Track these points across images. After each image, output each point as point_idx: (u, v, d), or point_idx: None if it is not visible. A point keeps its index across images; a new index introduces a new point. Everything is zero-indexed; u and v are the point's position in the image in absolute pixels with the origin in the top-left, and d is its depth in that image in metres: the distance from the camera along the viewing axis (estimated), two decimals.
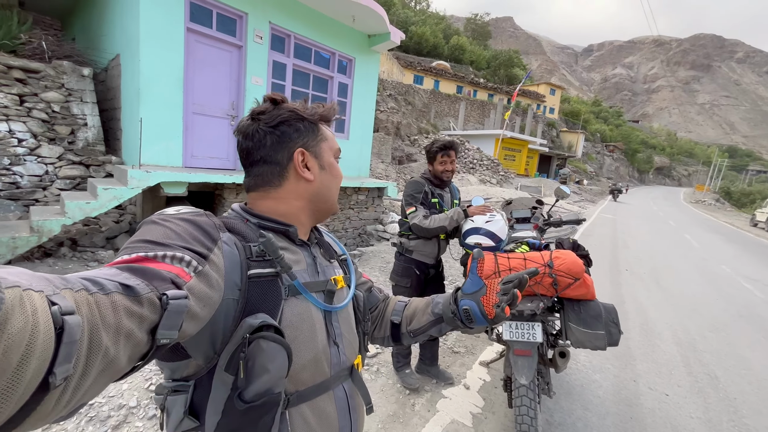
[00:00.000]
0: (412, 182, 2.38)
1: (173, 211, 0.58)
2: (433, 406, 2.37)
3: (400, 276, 2.41)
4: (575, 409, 2.50)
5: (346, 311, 0.77)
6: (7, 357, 0.25)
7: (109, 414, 1.74)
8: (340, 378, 0.72)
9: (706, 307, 5.13)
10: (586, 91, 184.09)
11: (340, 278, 0.77)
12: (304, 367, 0.63)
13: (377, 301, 0.94)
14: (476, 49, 46.10)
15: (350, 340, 0.75)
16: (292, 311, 0.63)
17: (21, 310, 0.26)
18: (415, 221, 2.23)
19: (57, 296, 0.31)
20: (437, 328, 0.84)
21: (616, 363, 3.22)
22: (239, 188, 5.11)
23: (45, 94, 4.31)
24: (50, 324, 0.29)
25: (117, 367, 0.37)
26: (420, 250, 2.38)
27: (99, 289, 0.36)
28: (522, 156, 27.43)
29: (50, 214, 3.58)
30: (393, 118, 18.56)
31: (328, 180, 0.74)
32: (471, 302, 0.74)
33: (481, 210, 2.11)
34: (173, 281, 0.45)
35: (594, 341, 1.80)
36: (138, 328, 0.39)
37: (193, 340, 0.54)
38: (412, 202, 2.29)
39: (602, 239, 9.46)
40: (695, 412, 2.67)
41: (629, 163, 58.23)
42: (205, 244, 0.55)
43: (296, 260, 0.69)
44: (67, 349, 0.30)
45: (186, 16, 4.50)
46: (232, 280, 0.57)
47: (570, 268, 1.78)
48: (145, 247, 0.49)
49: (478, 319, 0.74)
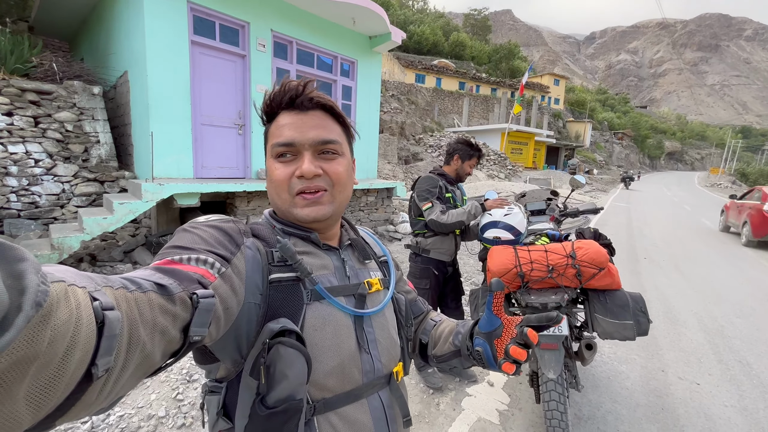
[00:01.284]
0: (426, 178, 2.33)
1: (203, 219, 0.61)
2: (458, 405, 2.34)
3: (418, 278, 2.36)
4: (604, 402, 2.44)
5: (383, 316, 0.72)
6: (53, 347, 0.26)
7: (140, 425, 1.76)
8: (375, 386, 0.67)
9: (732, 291, 4.99)
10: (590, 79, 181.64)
11: (375, 281, 0.73)
12: (329, 374, 0.61)
13: (420, 312, 0.89)
14: (477, 44, 45.89)
15: (387, 347, 0.70)
16: (315, 316, 0.61)
17: (66, 303, 0.27)
18: (432, 216, 2.20)
19: (98, 293, 0.32)
20: (458, 360, 0.75)
21: (642, 353, 3.14)
22: (250, 196, 5.16)
23: (58, 114, 4.41)
24: (92, 318, 0.30)
25: (152, 361, 0.39)
26: (437, 249, 2.34)
27: (137, 287, 0.38)
28: (529, 149, 27.14)
29: (69, 231, 3.66)
30: (397, 119, 18.56)
31: (268, 186, 0.69)
32: (484, 344, 0.64)
33: (499, 203, 2.08)
34: (199, 281, 0.47)
35: (622, 331, 1.76)
36: (172, 325, 0.41)
37: (220, 343, 0.56)
38: (428, 197, 2.24)
39: (617, 228, 9.29)
40: (729, 400, 2.59)
41: (639, 150, 57.20)
42: (228, 248, 0.56)
43: (322, 264, 0.67)
44: (108, 342, 0.31)
45: (190, 29, 4.57)
46: (254, 284, 0.57)
47: (593, 258, 1.74)
48: (174, 251, 0.51)
49: (491, 364, 0.64)
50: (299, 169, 0.63)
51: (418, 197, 2.30)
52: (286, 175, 0.64)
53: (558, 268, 1.78)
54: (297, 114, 0.64)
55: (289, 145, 0.63)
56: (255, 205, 5.22)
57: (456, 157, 2.39)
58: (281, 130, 0.64)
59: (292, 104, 0.64)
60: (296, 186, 0.64)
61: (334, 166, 0.66)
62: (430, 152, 18.33)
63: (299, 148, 0.64)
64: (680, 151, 73.86)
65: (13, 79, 4.17)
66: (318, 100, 0.65)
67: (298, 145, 0.63)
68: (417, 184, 2.35)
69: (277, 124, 0.65)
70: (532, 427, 2.16)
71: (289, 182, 0.64)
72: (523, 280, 1.83)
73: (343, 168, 0.67)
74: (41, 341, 0.25)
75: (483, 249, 2.27)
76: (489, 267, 1.90)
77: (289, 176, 0.64)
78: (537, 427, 2.16)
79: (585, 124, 41.15)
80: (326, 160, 0.66)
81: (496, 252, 1.92)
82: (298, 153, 0.64)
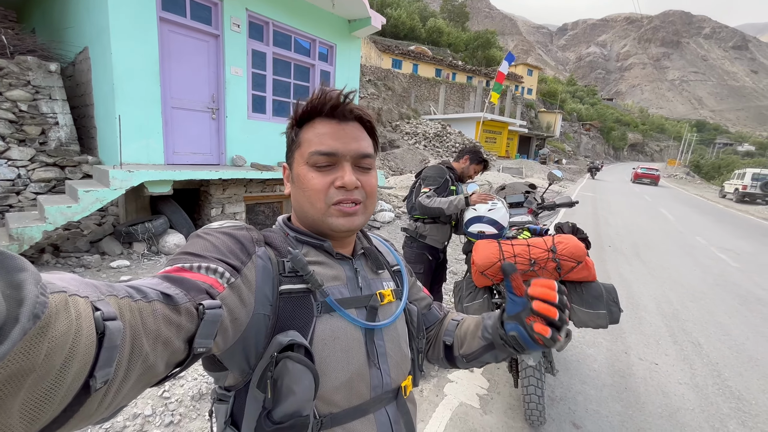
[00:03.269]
0: (435, 167, 2.43)
1: (216, 226, 0.60)
2: (441, 391, 2.43)
3: (413, 262, 2.48)
4: (574, 384, 2.61)
5: (394, 328, 0.70)
6: (50, 359, 0.26)
7: (125, 425, 1.71)
8: (383, 401, 0.66)
9: (686, 277, 5.40)
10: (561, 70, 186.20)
11: (387, 292, 0.71)
12: (338, 389, 0.60)
13: (436, 319, 0.87)
14: (454, 31, 45.70)
15: (397, 360, 0.69)
16: (325, 329, 0.60)
17: (65, 314, 0.27)
18: (419, 198, 2.31)
19: (101, 302, 0.32)
20: (491, 354, 0.72)
21: (608, 337, 3.37)
22: (225, 184, 4.99)
23: (10, 93, 4.05)
24: (92, 329, 0.30)
25: (155, 372, 0.39)
26: (433, 236, 2.47)
27: (142, 296, 0.38)
28: (502, 138, 27.70)
29: (29, 221, 3.41)
30: (374, 104, 18.35)
31: (296, 193, 0.67)
32: (516, 326, 0.61)
33: (483, 198, 2.14)
34: (207, 291, 0.47)
35: (596, 320, 1.88)
36: (176, 336, 0.40)
37: (228, 353, 0.55)
38: (431, 184, 2.35)
39: (585, 217, 9.75)
40: (683, 378, 2.84)
41: (605, 141, 59.73)
42: (239, 257, 0.55)
43: (334, 275, 0.65)
44: (107, 353, 0.31)
45: (158, 4, 4.27)
46: (264, 295, 0.56)
47: (573, 252, 1.84)
48: (185, 258, 0.51)
49: (529, 345, 0.61)
50: (341, 180, 0.62)
51: (424, 180, 2.40)
52: (324, 184, 0.63)
53: (539, 262, 1.87)
54: (337, 123, 0.64)
55: (331, 155, 0.62)
56: (231, 193, 5.06)
57: (466, 158, 2.54)
58: (322, 139, 0.63)
59: (333, 113, 0.64)
60: (335, 196, 0.63)
61: (370, 180, 0.67)
62: (406, 139, 18.32)
63: (340, 159, 0.63)
64: (642, 142, 77.78)
65: None
66: (358, 113, 0.65)
67: (339, 155, 0.63)
68: (427, 169, 2.45)
69: (316, 130, 0.64)
70: (510, 410, 2.29)
71: (327, 192, 0.63)
72: None
73: (375, 181, 0.69)
74: (38, 354, 0.24)
75: (467, 242, 2.33)
76: (474, 260, 1.96)
77: (328, 186, 0.63)
78: (515, 410, 2.29)
79: (556, 115, 42.39)
80: (363, 173, 0.66)
81: (481, 245, 1.98)
82: (336, 163, 0.63)
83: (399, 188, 10.51)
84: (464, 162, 2.54)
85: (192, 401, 2.01)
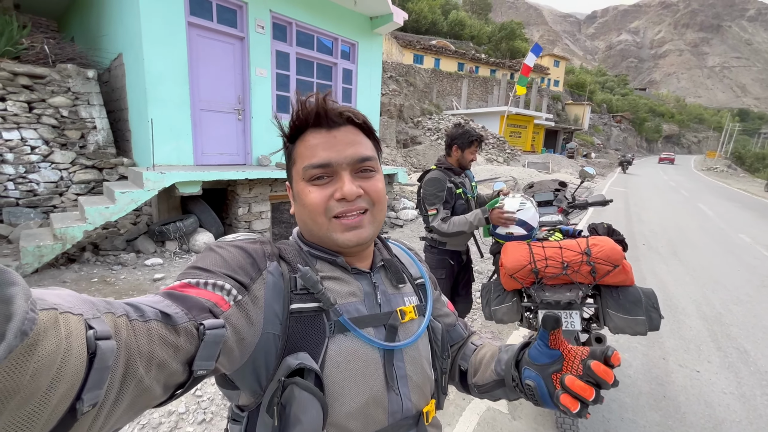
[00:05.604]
0: (433, 180, 2.27)
1: (231, 238, 0.58)
2: (463, 400, 2.39)
3: (435, 268, 2.38)
4: (607, 390, 2.51)
5: (416, 348, 0.64)
6: (36, 381, 0.24)
7: (161, 421, 1.79)
8: (401, 428, 0.61)
9: (728, 278, 5.07)
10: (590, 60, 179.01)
11: (409, 308, 0.66)
12: (352, 415, 0.55)
13: (460, 338, 0.80)
14: (476, 23, 44.78)
15: (419, 383, 0.63)
16: (339, 351, 0.55)
17: (55, 332, 0.26)
18: (434, 224, 2.20)
19: (96, 320, 0.30)
20: (502, 391, 0.66)
21: (644, 341, 3.21)
22: (251, 183, 5.10)
23: (52, 99, 4.28)
24: (83, 349, 0.28)
25: (151, 395, 0.37)
26: (452, 241, 2.38)
27: (139, 315, 0.36)
28: (528, 132, 26.97)
29: (71, 221, 3.61)
30: (395, 101, 18.26)
31: (299, 211, 0.62)
32: (537, 378, 0.55)
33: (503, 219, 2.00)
34: (211, 310, 0.45)
35: (634, 327, 1.78)
36: (173, 358, 0.38)
37: (238, 373, 0.53)
38: (434, 202, 2.21)
39: (616, 214, 9.35)
40: (728, 387, 2.67)
41: (637, 133, 57.06)
42: (249, 273, 0.53)
43: (350, 291, 0.61)
44: (97, 375, 0.29)
45: (186, 9, 4.40)
46: (274, 313, 0.53)
47: (609, 255, 1.75)
48: (193, 273, 0.49)
49: (545, 401, 0.55)
50: (340, 191, 0.57)
51: (425, 200, 2.28)
52: (323, 198, 0.58)
53: (573, 265, 1.79)
54: (327, 132, 0.59)
55: (325, 166, 0.58)
56: (257, 193, 5.17)
57: (455, 148, 2.32)
58: (313, 151, 0.58)
59: (319, 121, 0.58)
60: (335, 209, 0.58)
61: (374, 184, 0.61)
62: (428, 135, 18.15)
63: (336, 169, 0.58)
64: (678, 134, 73.81)
65: (3, 62, 4.02)
66: (348, 114, 0.60)
67: (335, 165, 0.58)
68: (424, 185, 2.30)
69: (307, 144, 0.59)
70: (540, 416, 2.22)
71: (326, 206, 0.59)
72: (537, 277, 1.84)
73: (381, 185, 0.63)
74: (23, 374, 0.23)
75: (495, 243, 2.27)
76: (502, 262, 1.91)
77: (327, 199, 0.58)
78: (545, 416, 2.22)
79: (584, 107, 40.81)
80: (365, 178, 0.60)
81: (510, 248, 1.92)
82: (334, 174, 0.59)
83: None
84: (456, 153, 2.34)
85: (223, 400, 2.07)
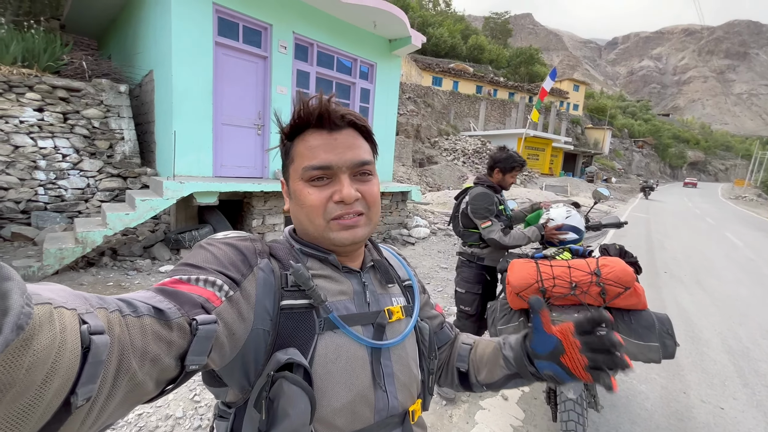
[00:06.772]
0: (483, 194, 2.39)
1: (221, 236, 0.58)
2: (472, 418, 2.30)
3: (473, 283, 2.49)
4: (622, 423, 2.37)
5: (403, 347, 0.65)
6: (31, 374, 0.24)
7: (157, 424, 1.79)
8: (387, 426, 0.61)
9: (757, 311, 4.79)
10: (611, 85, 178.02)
11: (396, 308, 0.67)
12: (339, 411, 0.56)
13: (448, 339, 0.82)
14: (495, 47, 45.52)
15: (405, 382, 0.64)
16: (327, 347, 0.56)
17: (49, 327, 0.26)
18: (493, 236, 2.30)
19: (90, 315, 0.31)
20: (514, 382, 0.69)
21: (663, 373, 3.04)
22: (267, 196, 5.21)
23: (86, 111, 4.54)
24: (77, 343, 0.28)
25: (144, 390, 0.37)
26: (491, 256, 2.48)
27: (132, 311, 0.37)
28: (546, 155, 26.74)
29: (93, 226, 3.76)
30: (413, 121, 18.54)
31: (295, 210, 0.63)
32: (553, 366, 0.59)
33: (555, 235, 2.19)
34: (203, 305, 0.45)
35: (647, 353, 1.70)
36: (166, 353, 0.39)
37: (227, 369, 0.53)
38: (487, 216, 2.35)
39: (637, 239, 9.05)
40: (755, 427, 2.48)
41: (660, 159, 55.78)
42: (240, 269, 0.54)
43: (340, 290, 0.62)
44: (91, 369, 0.29)
45: (214, 30, 4.65)
46: (264, 309, 0.54)
47: (619, 276, 1.69)
48: (184, 270, 0.50)
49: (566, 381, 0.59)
50: (339, 194, 0.58)
51: (474, 214, 2.39)
52: (321, 200, 0.59)
53: (581, 286, 1.74)
54: (329, 133, 0.59)
55: (325, 168, 0.59)
56: (271, 205, 5.27)
57: (497, 170, 2.48)
58: (314, 152, 0.59)
59: (321, 122, 0.59)
60: (333, 211, 0.59)
61: (371, 188, 0.63)
62: (444, 156, 18.25)
63: (336, 171, 0.59)
64: (703, 161, 71.72)
65: (45, 76, 4.32)
66: (350, 118, 0.61)
67: (335, 168, 0.59)
68: (472, 200, 2.41)
69: (307, 144, 0.60)
70: None
71: (325, 207, 0.59)
72: (545, 296, 1.79)
73: (377, 188, 0.64)
74: (19, 368, 0.23)
75: (503, 260, 2.24)
76: (509, 280, 1.87)
77: (326, 201, 0.59)
78: None
79: (604, 131, 40.34)
80: (362, 182, 0.62)
81: (517, 265, 1.88)
82: (333, 176, 0.60)
83: (436, 204, 10.42)
84: (497, 175, 2.52)
85: None
